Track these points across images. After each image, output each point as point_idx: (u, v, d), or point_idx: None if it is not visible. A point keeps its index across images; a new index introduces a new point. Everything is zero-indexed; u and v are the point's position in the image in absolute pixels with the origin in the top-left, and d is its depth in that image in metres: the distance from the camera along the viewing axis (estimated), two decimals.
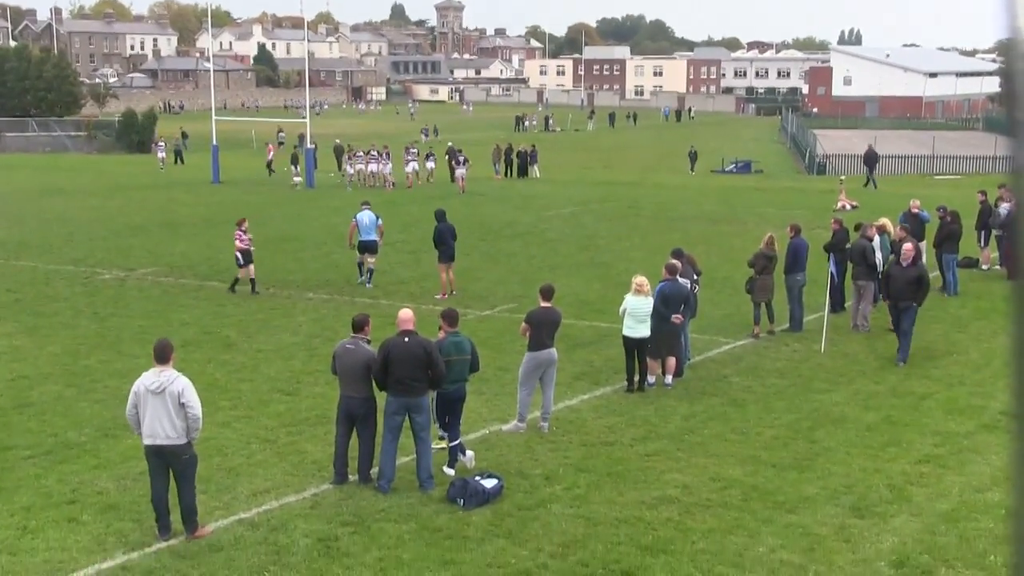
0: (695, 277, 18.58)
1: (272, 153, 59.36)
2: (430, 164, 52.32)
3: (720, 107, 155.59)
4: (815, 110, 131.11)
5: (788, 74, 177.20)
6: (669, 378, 17.06)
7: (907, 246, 19.03)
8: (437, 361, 12.46)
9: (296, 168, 50.89)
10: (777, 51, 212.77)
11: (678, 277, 17.24)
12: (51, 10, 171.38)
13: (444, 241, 23.93)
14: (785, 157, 76.93)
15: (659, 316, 16.63)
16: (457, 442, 13.28)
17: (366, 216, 25.16)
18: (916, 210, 25.69)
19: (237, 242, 24.36)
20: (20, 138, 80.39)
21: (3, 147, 78.40)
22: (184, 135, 76.49)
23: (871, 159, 53.80)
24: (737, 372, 18.01)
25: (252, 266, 24.48)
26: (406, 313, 12.86)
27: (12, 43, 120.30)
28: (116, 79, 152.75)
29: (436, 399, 13.08)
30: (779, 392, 16.81)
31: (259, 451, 13.86)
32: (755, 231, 31.49)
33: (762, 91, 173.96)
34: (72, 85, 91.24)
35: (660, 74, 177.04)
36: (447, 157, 53.03)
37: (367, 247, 25.18)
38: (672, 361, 17.11)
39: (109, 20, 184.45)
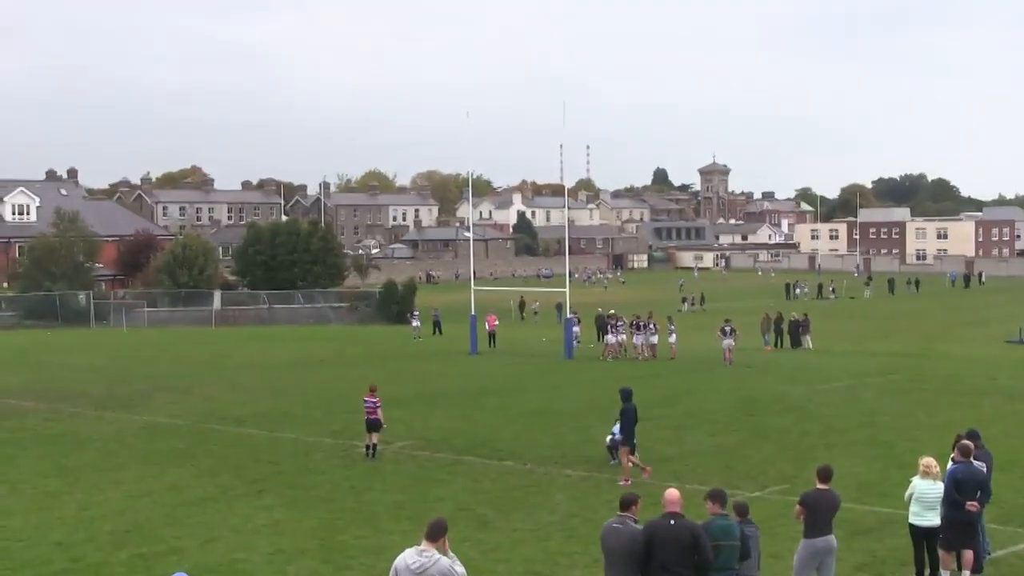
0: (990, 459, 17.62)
1: (495, 324, 58.75)
2: (727, 342, 46.52)
3: (1015, 271, 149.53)
4: None
5: None
6: (966, 574, 16.06)
7: None
8: (705, 546, 12.21)
9: (643, 337, 49.82)
10: None
11: (972, 459, 16.40)
12: (320, 185, 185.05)
13: (630, 425, 23.32)
14: None
15: (951, 503, 15.79)
16: None
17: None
18: None
19: (374, 408, 26.17)
20: (286, 310, 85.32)
21: (271, 319, 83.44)
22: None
23: None
24: None
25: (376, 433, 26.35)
26: (672, 493, 12.71)
27: (284, 218, 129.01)
28: (378, 250, 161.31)
29: None
30: None
31: None
32: None
33: None
34: (337, 257, 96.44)
35: (944, 236, 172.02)
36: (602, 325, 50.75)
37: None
38: (969, 555, 16.12)
39: (373, 193, 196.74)
